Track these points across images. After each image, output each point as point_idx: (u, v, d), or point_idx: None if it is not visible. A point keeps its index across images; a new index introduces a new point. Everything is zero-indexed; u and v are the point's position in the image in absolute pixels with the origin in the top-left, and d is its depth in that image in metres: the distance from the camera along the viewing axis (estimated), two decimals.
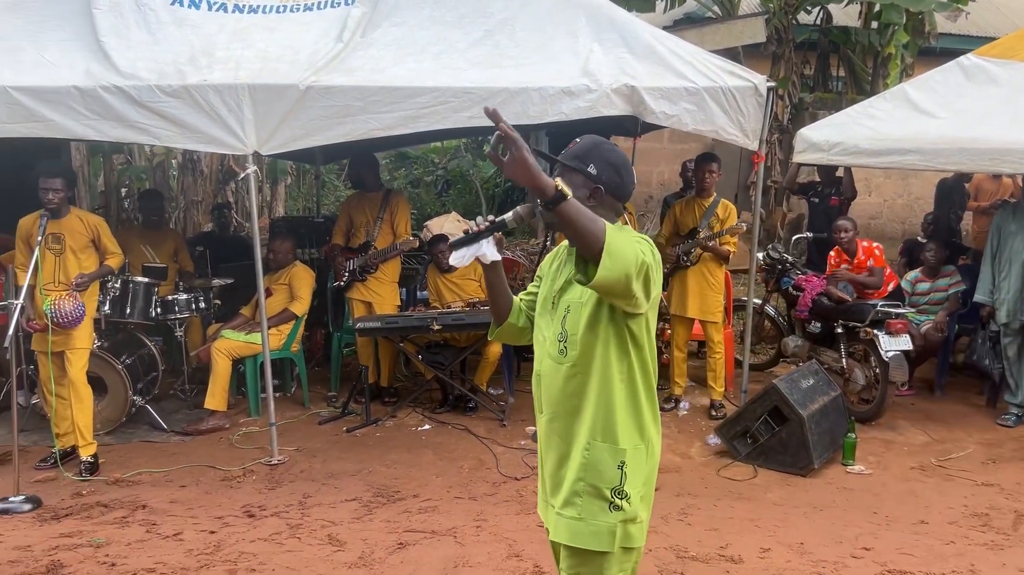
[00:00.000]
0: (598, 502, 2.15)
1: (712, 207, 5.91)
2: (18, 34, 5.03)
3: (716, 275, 5.92)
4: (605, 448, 2.16)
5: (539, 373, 2.27)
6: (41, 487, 4.68)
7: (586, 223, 1.87)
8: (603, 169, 2.20)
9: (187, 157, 10.45)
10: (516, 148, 1.83)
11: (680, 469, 5.04)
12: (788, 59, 10.36)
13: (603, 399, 2.16)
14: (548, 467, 2.26)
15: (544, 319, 2.29)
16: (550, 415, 2.23)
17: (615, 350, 2.15)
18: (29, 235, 4.84)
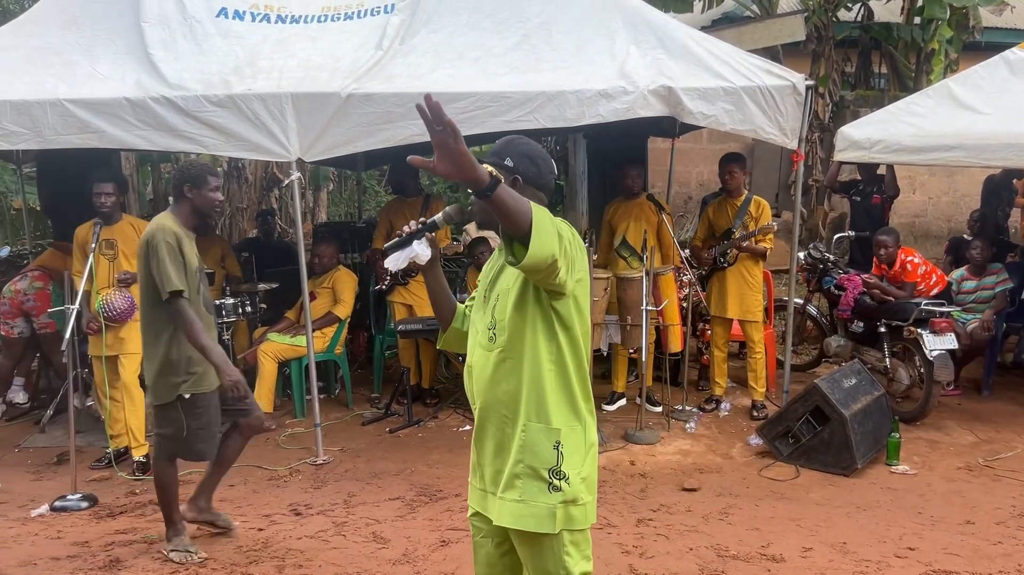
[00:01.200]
0: (537, 483, 2.16)
1: (744, 206, 5.90)
2: (72, 49, 5.22)
3: (754, 274, 5.90)
4: (539, 429, 2.17)
5: (470, 365, 2.30)
6: (97, 486, 4.84)
7: (517, 205, 1.89)
8: (519, 160, 2.25)
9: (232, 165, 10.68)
10: (456, 141, 1.79)
11: (721, 469, 5.03)
12: (828, 57, 10.26)
13: (534, 381, 2.18)
14: (486, 456, 2.27)
15: (478, 314, 2.32)
16: (483, 403, 2.25)
17: (542, 332, 2.17)
18: (85, 242, 5.00)
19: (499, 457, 2.24)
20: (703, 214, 6.27)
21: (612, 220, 6.07)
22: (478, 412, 2.28)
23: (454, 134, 1.78)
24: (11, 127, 4.76)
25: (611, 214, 6.08)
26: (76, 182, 5.71)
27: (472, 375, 2.29)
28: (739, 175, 5.90)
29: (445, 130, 1.78)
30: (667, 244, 6.05)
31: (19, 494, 4.75)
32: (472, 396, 2.31)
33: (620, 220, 6.00)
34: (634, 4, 5.60)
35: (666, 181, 7.74)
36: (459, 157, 1.80)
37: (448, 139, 1.79)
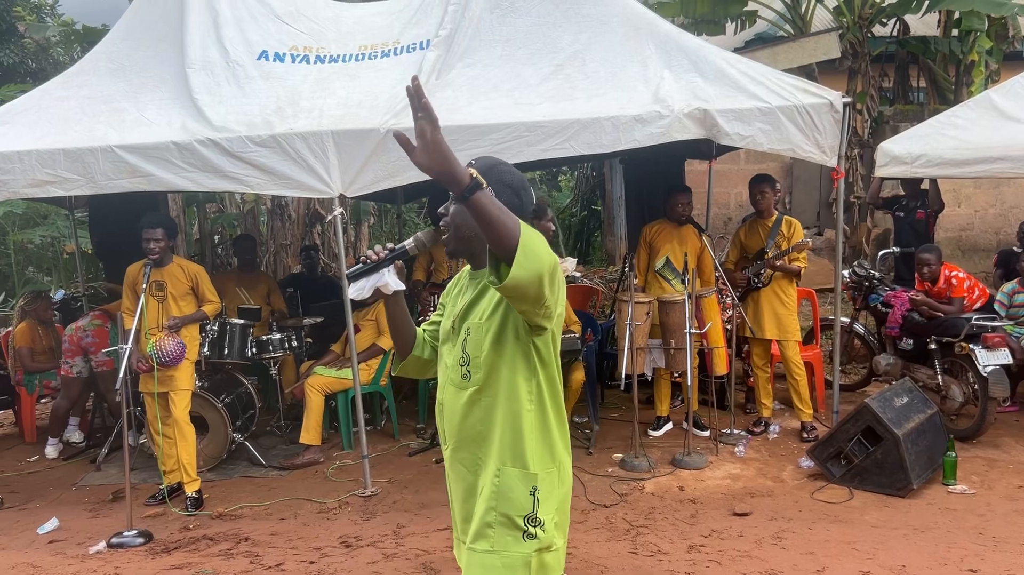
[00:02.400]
0: (511, 532, 2.01)
1: (776, 226, 5.87)
2: (121, 96, 5.41)
3: (789, 294, 5.85)
4: (516, 474, 2.02)
5: (441, 402, 2.15)
6: (151, 522, 4.92)
7: (502, 215, 1.72)
8: (500, 191, 2.03)
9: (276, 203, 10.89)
10: (432, 129, 1.68)
11: (773, 493, 4.96)
12: (865, 73, 10.19)
13: (511, 422, 2.02)
14: (456, 501, 2.15)
15: (446, 346, 2.17)
16: (454, 445, 2.11)
17: (522, 370, 2.02)
18: (135, 282, 5.14)
19: (468, 502, 2.10)
20: (734, 236, 6.26)
21: (653, 241, 6.06)
22: (449, 453, 2.14)
23: (431, 123, 1.68)
24: (65, 174, 4.93)
25: (652, 235, 6.07)
26: (126, 225, 5.88)
27: (443, 414, 2.14)
28: (770, 196, 5.89)
29: (425, 116, 1.68)
30: (708, 269, 6.03)
31: (77, 531, 4.85)
32: (443, 435, 2.16)
33: (662, 243, 5.99)
34: (666, 29, 5.64)
35: (704, 203, 7.72)
36: (433, 147, 1.69)
37: (425, 127, 1.69)
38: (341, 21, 6.12)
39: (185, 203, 11.20)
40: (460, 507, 2.14)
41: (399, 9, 6.19)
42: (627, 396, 6.02)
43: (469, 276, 2.18)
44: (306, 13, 6.07)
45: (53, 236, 12.27)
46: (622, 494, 4.97)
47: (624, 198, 8.71)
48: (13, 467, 6.22)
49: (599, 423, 6.18)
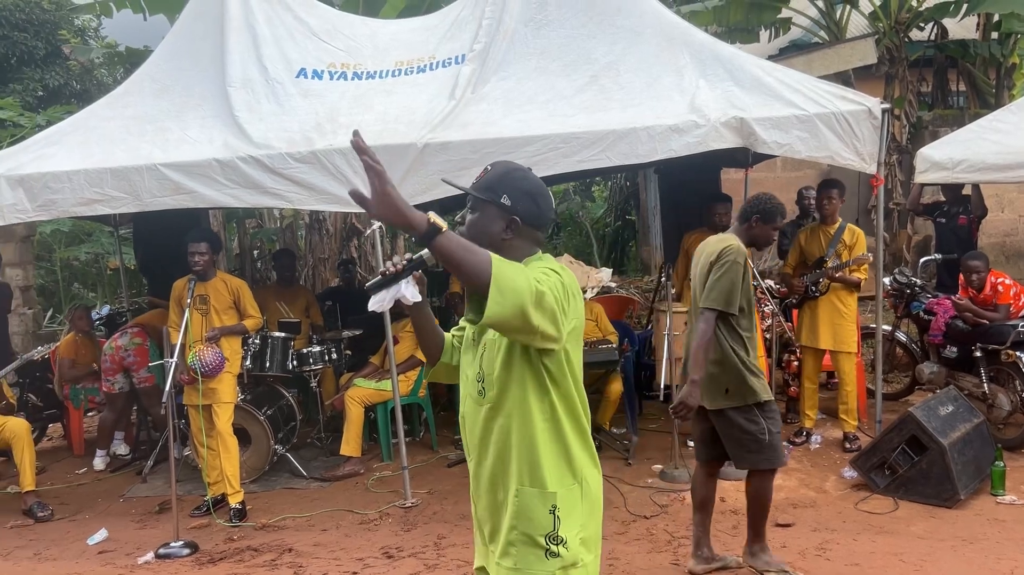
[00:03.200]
0: (533, 551, 1.99)
1: (838, 234, 5.78)
2: (164, 116, 5.54)
3: (848, 304, 5.75)
4: (534, 494, 1.99)
5: (463, 414, 2.13)
6: (197, 533, 5.00)
7: (466, 256, 1.72)
8: (518, 199, 2.01)
9: (314, 217, 11.02)
10: (380, 182, 1.68)
11: (816, 503, 4.90)
12: (902, 78, 10.07)
13: (526, 442, 1.99)
14: (482, 513, 2.13)
15: (467, 357, 2.14)
16: (477, 459, 2.09)
17: (533, 390, 1.97)
18: (181, 296, 5.24)
19: (494, 516, 2.08)
20: (795, 241, 6.15)
21: (691, 250, 6.01)
22: (473, 466, 2.12)
23: (379, 176, 1.68)
24: (112, 192, 5.06)
25: (690, 243, 6.03)
26: (169, 241, 6.00)
27: (465, 427, 2.13)
28: (836, 202, 5.78)
29: (371, 170, 1.68)
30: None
31: (125, 542, 4.95)
32: (467, 447, 2.15)
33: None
34: (701, 38, 5.64)
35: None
36: (384, 199, 1.70)
37: (374, 180, 1.68)
38: (377, 37, 6.21)
39: (225, 219, 11.39)
40: (487, 518, 2.11)
41: (434, 25, 6.26)
42: (665, 407, 5.98)
43: None
44: (343, 30, 6.17)
45: (97, 253, 12.55)
46: (662, 505, 4.95)
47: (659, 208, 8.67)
48: (63, 479, 6.36)
49: (638, 434, 6.16)
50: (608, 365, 5.73)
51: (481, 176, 2.06)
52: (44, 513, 5.45)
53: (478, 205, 2.04)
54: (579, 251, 15.15)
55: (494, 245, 1.98)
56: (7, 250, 8.93)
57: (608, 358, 5.67)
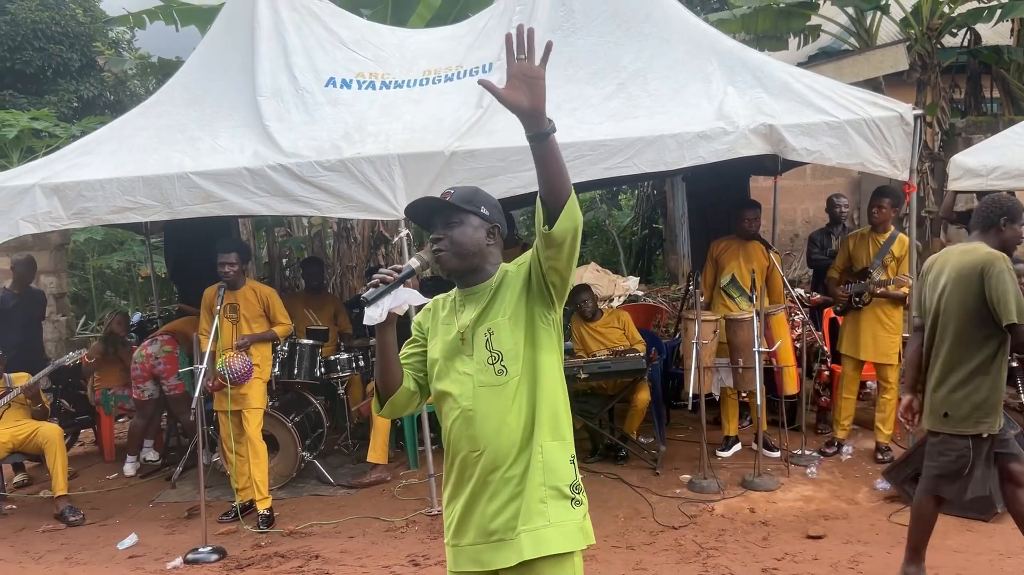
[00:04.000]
0: (562, 502, 2.14)
1: (887, 244, 5.67)
2: (195, 125, 5.60)
3: (892, 316, 5.63)
4: (556, 447, 2.17)
5: (471, 409, 2.17)
6: (225, 539, 5.03)
7: (563, 162, 1.92)
8: (492, 212, 2.26)
9: (341, 226, 11.09)
10: (541, 67, 1.83)
11: (848, 515, 4.82)
12: (935, 85, 9.94)
13: (550, 399, 2.17)
14: (483, 505, 2.17)
15: (456, 361, 2.23)
16: (489, 447, 2.14)
17: (549, 350, 2.19)
18: (211, 304, 5.29)
19: (512, 500, 2.14)
20: (843, 244, 6.03)
21: (719, 258, 5.97)
22: (483, 458, 2.16)
23: (543, 62, 1.81)
24: (144, 200, 5.13)
25: (718, 252, 5.98)
26: (199, 249, 6.06)
27: (474, 422, 2.17)
28: (887, 210, 5.68)
29: (531, 56, 1.81)
30: (776, 286, 5.91)
31: (155, 547, 4.99)
32: (470, 444, 2.18)
33: (729, 259, 5.90)
34: (729, 45, 5.61)
35: (770, 220, 7.61)
36: (538, 84, 1.83)
37: (532, 68, 1.82)
38: (405, 47, 6.25)
39: (255, 227, 11.50)
40: (498, 509, 2.15)
41: (462, 34, 6.29)
42: (694, 416, 5.94)
43: (464, 295, 2.29)
44: (371, 40, 6.22)
45: (129, 261, 12.72)
46: (691, 516, 4.90)
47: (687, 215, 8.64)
48: (94, 484, 6.43)
49: (665, 444, 6.11)
50: (636, 374, 5.70)
51: (447, 195, 2.23)
52: (76, 518, 5.51)
53: (462, 217, 2.22)
54: (606, 260, 15.11)
55: (480, 251, 2.23)
56: (42, 258, 9.07)
57: (636, 367, 5.64)
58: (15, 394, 5.66)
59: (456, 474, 2.25)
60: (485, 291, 2.25)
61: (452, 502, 2.28)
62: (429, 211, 2.27)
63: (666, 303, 10.61)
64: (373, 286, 2.12)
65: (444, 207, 2.23)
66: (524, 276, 2.21)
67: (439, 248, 2.22)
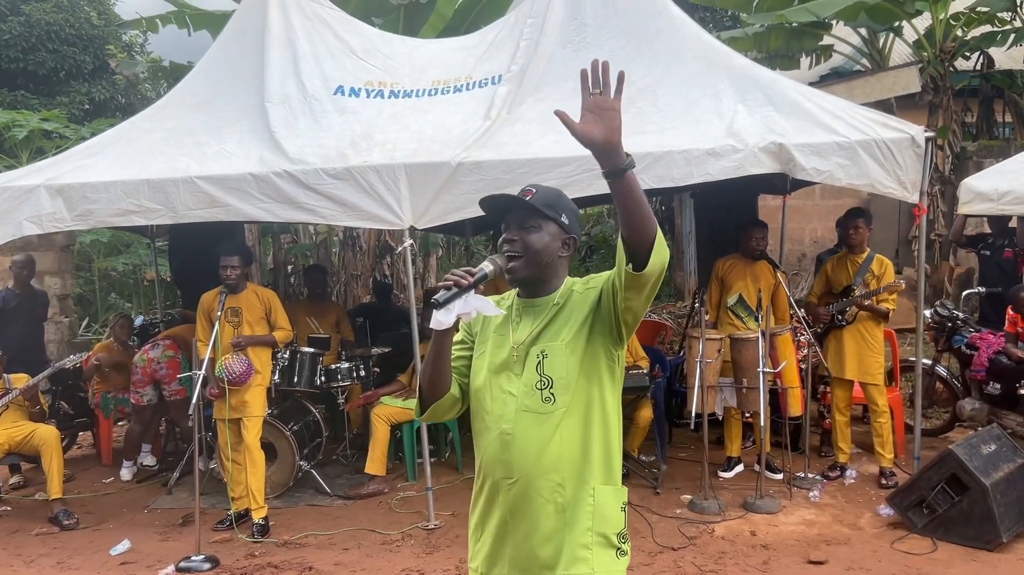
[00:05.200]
0: (607, 551, 2.02)
1: (866, 264, 5.67)
2: (202, 129, 5.59)
3: (874, 335, 5.62)
4: (609, 491, 2.04)
5: (510, 433, 2.04)
6: (219, 547, 4.98)
7: (644, 200, 1.80)
8: (572, 220, 2.12)
9: (347, 234, 11.08)
10: (617, 101, 1.75)
11: (850, 541, 4.75)
12: (947, 108, 9.90)
13: (603, 440, 2.04)
14: (518, 537, 2.05)
15: (501, 377, 2.10)
16: (527, 475, 2.02)
17: (609, 387, 2.06)
18: (210, 310, 5.25)
19: (533, 535, 2.03)
20: (820, 270, 6.06)
21: (725, 277, 5.92)
22: (515, 487, 2.04)
23: (618, 95, 1.74)
24: (148, 204, 5.10)
25: (724, 270, 5.93)
26: (204, 254, 6.03)
27: (512, 446, 2.04)
28: (864, 231, 5.69)
29: (608, 90, 1.74)
30: (783, 306, 5.87)
31: (147, 554, 4.94)
32: (504, 469, 2.06)
33: (735, 278, 5.85)
34: (740, 63, 5.58)
35: (778, 239, 7.56)
36: (613, 117, 1.75)
37: (607, 100, 1.75)
38: (415, 57, 6.23)
39: (260, 233, 11.49)
40: (540, 543, 2.02)
41: (472, 45, 6.28)
42: (696, 435, 5.87)
43: (523, 304, 2.15)
44: (381, 49, 6.21)
45: (135, 264, 12.73)
46: (691, 537, 4.83)
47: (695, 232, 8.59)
48: (90, 488, 6.38)
49: (667, 462, 6.04)
50: (638, 391, 5.64)
51: (527, 195, 2.08)
52: (69, 521, 5.46)
53: (540, 222, 2.07)
54: None
55: (553, 262, 2.09)
56: (47, 258, 9.08)
57: (639, 384, 5.58)
58: (13, 396, 5.63)
59: (486, 497, 2.13)
60: (547, 306, 2.11)
61: (481, 527, 2.16)
62: (504, 208, 2.11)
63: (671, 320, 10.54)
64: (445, 287, 1.93)
65: (523, 207, 2.07)
66: (592, 303, 2.06)
67: (512, 252, 2.06)
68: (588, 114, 1.76)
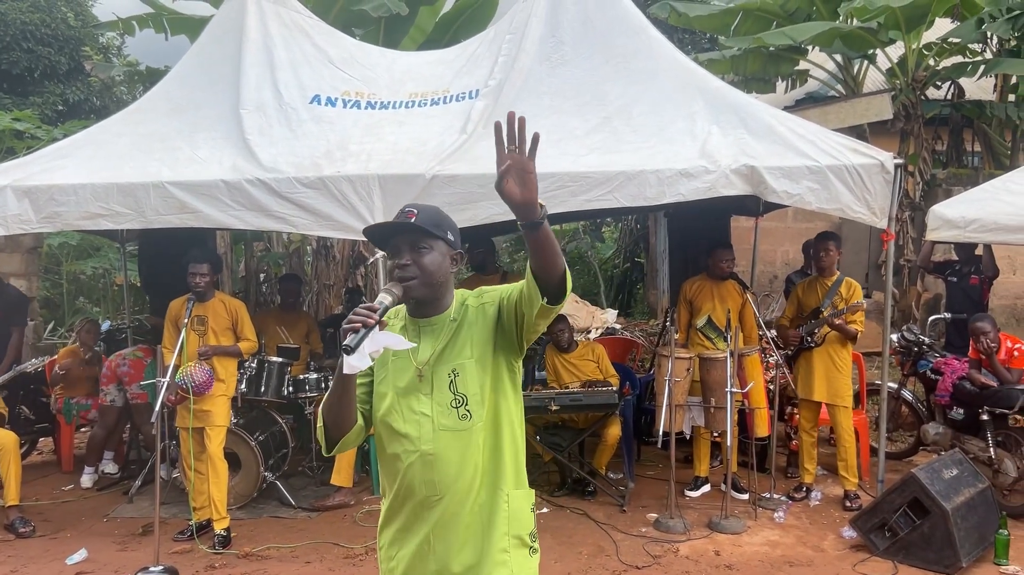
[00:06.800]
0: (522, 551, 2.12)
1: (835, 286, 5.73)
2: (176, 135, 5.55)
3: (843, 356, 5.68)
4: (521, 495, 2.14)
5: (432, 453, 2.06)
6: (178, 558, 4.90)
7: (555, 242, 1.89)
8: (455, 235, 2.16)
9: (321, 243, 11.01)
10: (532, 162, 1.80)
11: (813, 562, 4.77)
12: (918, 135, 10.07)
13: (513, 448, 2.13)
14: (441, 555, 2.08)
15: (411, 399, 2.10)
16: (449, 491, 2.06)
17: (512, 397, 2.14)
18: (177, 317, 5.19)
19: (463, 549, 2.08)
20: (792, 293, 6.12)
21: (693, 299, 5.96)
22: (440, 504, 2.06)
23: (533, 155, 1.79)
24: (117, 208, 5.05)
25: (692, 292, 5.97)
26: (174, 261, 5.96)
27: (435, 465, 2.06)
28: (834, 254, 5.75)
29: (524, 149, 1.79)
30: (750, 326, 5.91)
31: (104, 564, 4.84)
32: (429, 488, 2.07)
33: (704, 300, 5.88)
34: (715, 85, 5.64)
35: (750, 260, 7.63)
36: (531, 180, 1.81)
37: (525, 162, 1.79)
38: (393, 69, 6.24)
39: (233, 241, 11.39)
40: (444, 556, 2.08)
41: (451, 59, 6.29)
42: (664, 454, 5.88)
43: (417, 324, 2.15)
44: (360, 60, 6.20)
45: (105, 268, 12.56)
46: (655, 556, 4.83)
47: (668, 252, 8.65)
48: (49, 495, 6.26)
49: (634, 480, 6.04)
50: (607, 408, 5.65)
51: (410, 216, 2.08)
52: (26, 529, 5.35)
53: (431, 242, 2.09)
54: (586, 291, 15.09)
55: (446, 280, 2.13)
56: (13, 260, 8.94)
57: (608, 401, 5.59)
58: None
59: (406, 517, 2.14)
60: (443, 323, 2.14)
61: (398, 545, 2.17)
62: (391, 232, 2.12)
63: (643, 337, 10.58)
64: (353, 331, 1.88)
65: (412, 230, 2.07)
66: (492, 319, 2.11)
67: (407, 276, 2.06)
68: (509, 175, 1.80)
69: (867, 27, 9.51)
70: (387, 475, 2.18)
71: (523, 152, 1.79)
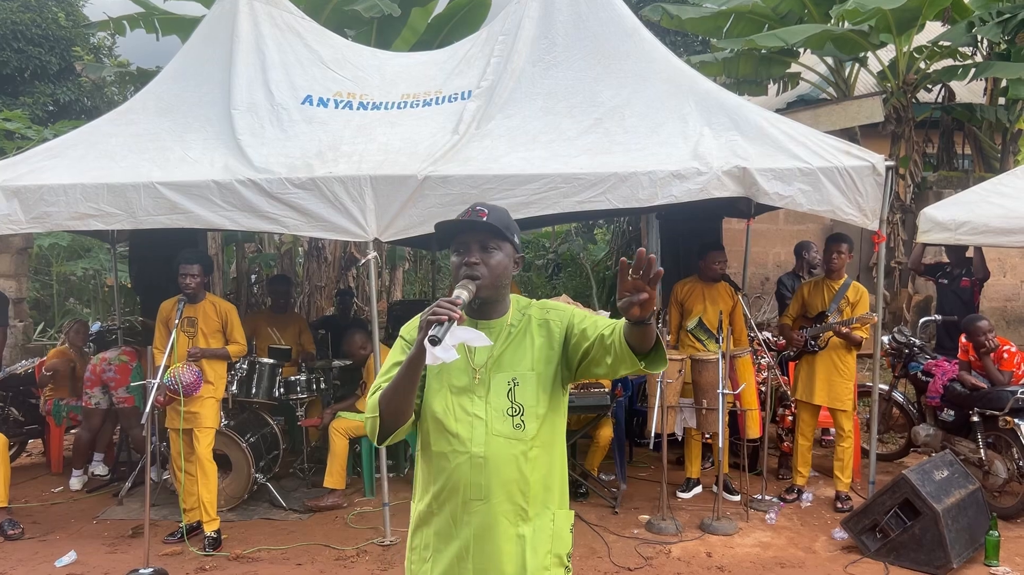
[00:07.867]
0: (560, 570, 2.15)
1: (842, 290, 5.72)
2: (167, 135, 5.51)
3: (846, 361, 5.67)
4: (564, 515, 2.17)
5: (482, 456, 2.05)
6: (168, 560, 4.87)
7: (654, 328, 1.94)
8: (520, 240, 2.19)
9: (312, 245, 10.99)
10: (654, 285, 1.84)
11: (804, 564, 4.77)
12: (909, 138, 10.08)
13: (560, 468, 2.18)
14: (482, 563, 2.06)
15: (463, 399, 2.08)
16: (495, 498, 2.05)
17: (561, 418, 2.18)
18: (168, 318, 5.17)
19: (495, 557, 2.05)
20: (797, 292, 6.09)
21: (684, 301, 5.96)
22: (483, 509, 2.05)
23: (655, 286, 1.82)
24: (107, 208, 5.01)
25: (683, 294, 5.97)
26: (164, 261, 5.94)
27: (484, 469, 2.05)
28: (845, 256, 5.74)
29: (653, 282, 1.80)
30: (740, 328, 5.91)
31: (94, 567, 4.82)
32: (475, 491, 2.06)
33: (694, 302, 5.89)
34: (707, 87, 5.64)
35: (741, 262, 7.64)
36: (651, 304, 1.84)
37: (652, 291, 1.81)
38: (385, 69, 6.22)
39: (224, 242, 11.35)
40: (483, 565, 2.06)
41: (443, 60, 6.27)
42: (656, 455, 5.89)
43: (474, 325, 2.09)
44: (352, 61, 6.18)
45: (95, 269, 12.50)
46: (647, 557, 4.83)
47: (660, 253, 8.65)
48: (38, 497, 6.23)
49: (626, 482, 6.04)
50: (599, 409, 5.64)
51: (482, 215, 2.07)
52: (14, 531, 5.31)
53: (500, 243, 2.09)
54: (578, 292, 15.09)
55: (508, 283, 2.15)
56: (3, 261, 8.89)
57: (599, 403, 5.59)
58: None
59: (445, 520, 2.10)
60: (501, 328, 2.14)
61: (438, 548, 2.12)
62: (461, 229, 2.09)
63: None
64: (438, 322, 1.85)
65: (484, 229, 2.07)
66: (559, 340, 2.14)
67: (476, 275, 2.05)
68: (632, 296, 1.82)
69: (858, 30, 9.52)
70: (430, 473, 2.13)
71: (646, 280, 1.80)
